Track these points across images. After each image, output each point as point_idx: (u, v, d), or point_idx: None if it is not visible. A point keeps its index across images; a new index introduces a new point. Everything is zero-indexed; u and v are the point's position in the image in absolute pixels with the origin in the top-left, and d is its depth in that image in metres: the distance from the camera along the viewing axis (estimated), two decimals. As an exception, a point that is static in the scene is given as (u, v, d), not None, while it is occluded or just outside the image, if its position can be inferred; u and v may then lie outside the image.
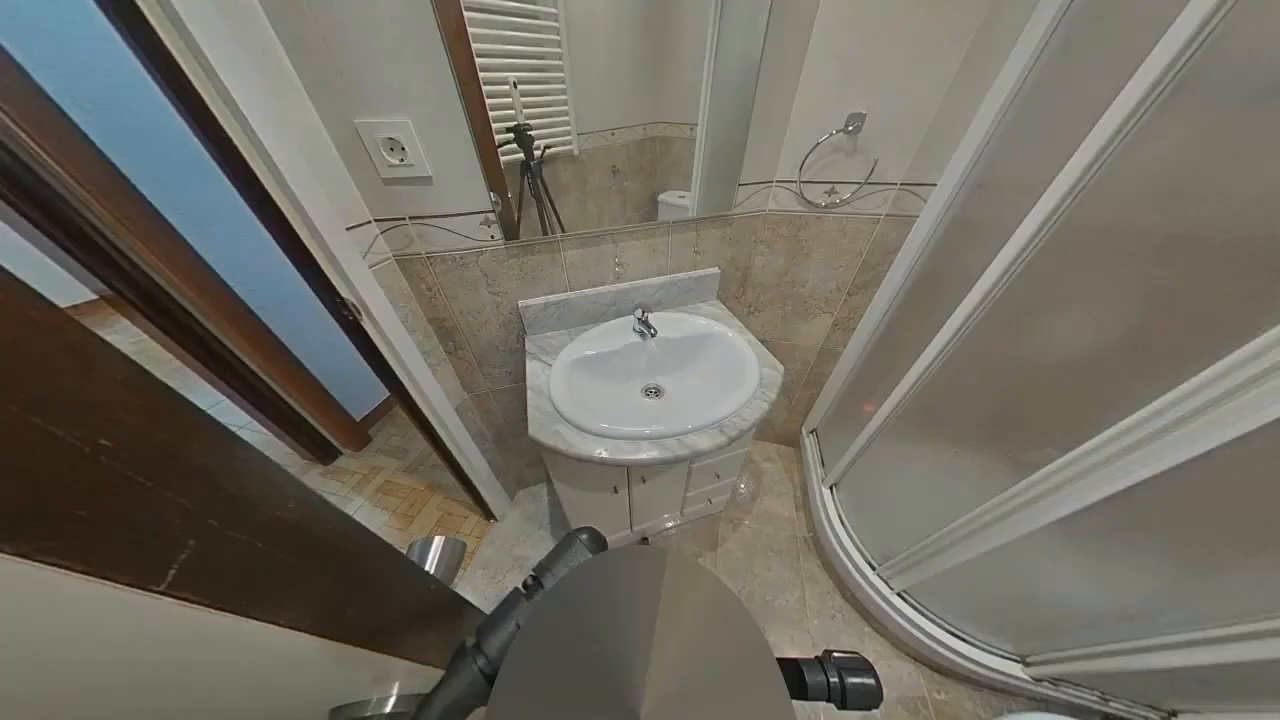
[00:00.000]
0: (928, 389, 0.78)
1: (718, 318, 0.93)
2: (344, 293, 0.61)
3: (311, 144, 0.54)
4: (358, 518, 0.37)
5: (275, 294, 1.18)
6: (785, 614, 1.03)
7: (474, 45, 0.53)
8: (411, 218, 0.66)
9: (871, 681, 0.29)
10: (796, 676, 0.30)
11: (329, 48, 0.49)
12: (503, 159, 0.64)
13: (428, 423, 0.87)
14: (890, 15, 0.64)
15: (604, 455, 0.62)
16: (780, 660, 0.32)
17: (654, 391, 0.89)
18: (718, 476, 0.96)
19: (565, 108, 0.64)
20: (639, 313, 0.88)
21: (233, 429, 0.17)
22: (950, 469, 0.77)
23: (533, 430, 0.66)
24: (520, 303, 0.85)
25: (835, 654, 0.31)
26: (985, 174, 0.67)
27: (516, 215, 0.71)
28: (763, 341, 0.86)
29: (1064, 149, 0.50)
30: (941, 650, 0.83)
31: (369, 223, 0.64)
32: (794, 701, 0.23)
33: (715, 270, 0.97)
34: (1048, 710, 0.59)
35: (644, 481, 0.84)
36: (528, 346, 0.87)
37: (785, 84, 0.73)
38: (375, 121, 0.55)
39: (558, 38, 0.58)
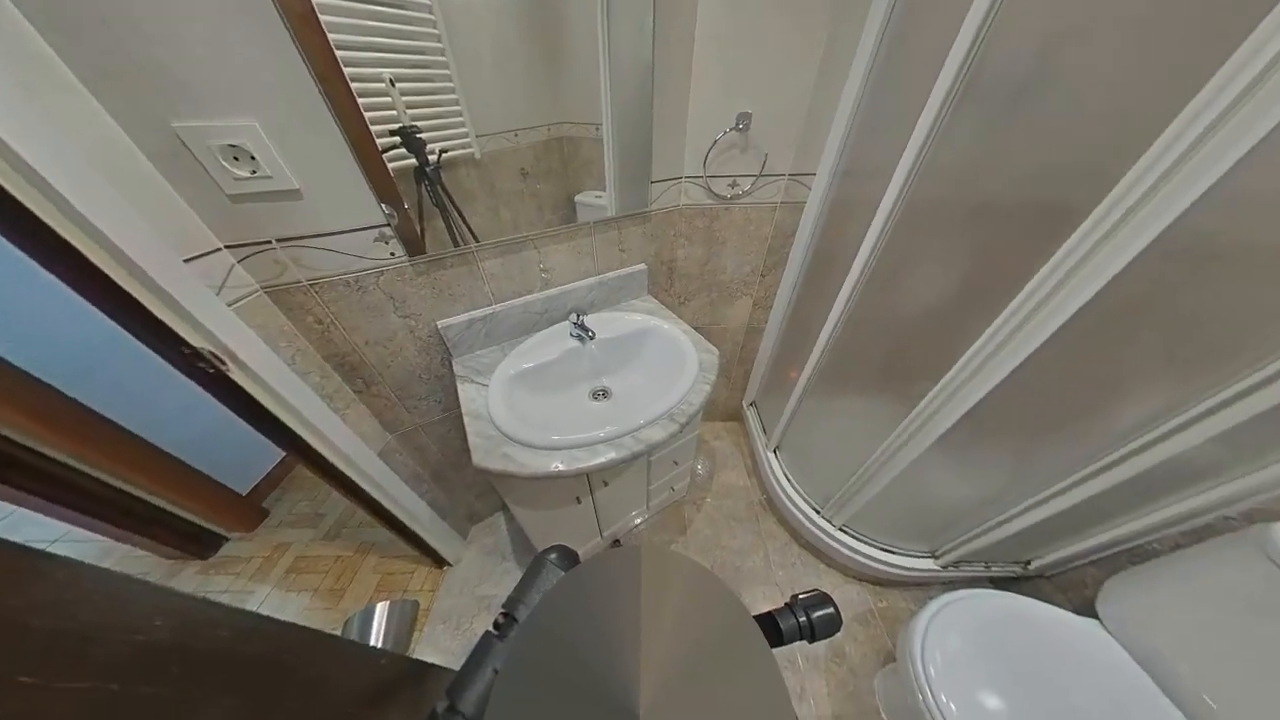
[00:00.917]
0: (835, 350, 0.90)
1: (652, 312, 0.96)
2: (195, 341, 0.49)
3: (111, 156, 0.42)
4: (265, 611, 0.30)
5: (82, 358, 0.89)
6: (754, 574, 1.12)
7: (330, 35, 0.46)
8: (280, 240, 0.55)
9: (831, 610, 0.33)
10: (772, 627, 0.32)
11: (109, 28, 0.38)
12: (392, 166, 0.57)
13: (344, 477, 0.75)
14: (758, 25, 0.71)
15: (561, 468, 0.60)
16: (757, 617, 0.34)
17: (601, 393, 0.88)
18: (675, 464, 1.00)
19: (458, 108, 0.59)
20: (574, 317, 0.86)
21: (34, 545, 0.12)
22: (863, 413, 0.91)
23: (478, 459, 0.60)
24: (439, 323, 0.77)
25: (800, 596, 0.34)
26: (850, 163, 0.79)
27: (419, 227, 0.64)
28: (696, 329, 0.91)
29: (900, 140, 0.61)
30: (879, 566, 0.98)
31: (218, 250, 0.52)
32: (775, 650, 0.25)
33: (642, 266, 0.99)
34: (953, 588, 0.74)
35: (606, 485, 0.83)
36: (456, 370, 0.80)
37: (678, 86, 0.77)
38: (205, 125, 0.45)
39: (436, 31, 0.53)
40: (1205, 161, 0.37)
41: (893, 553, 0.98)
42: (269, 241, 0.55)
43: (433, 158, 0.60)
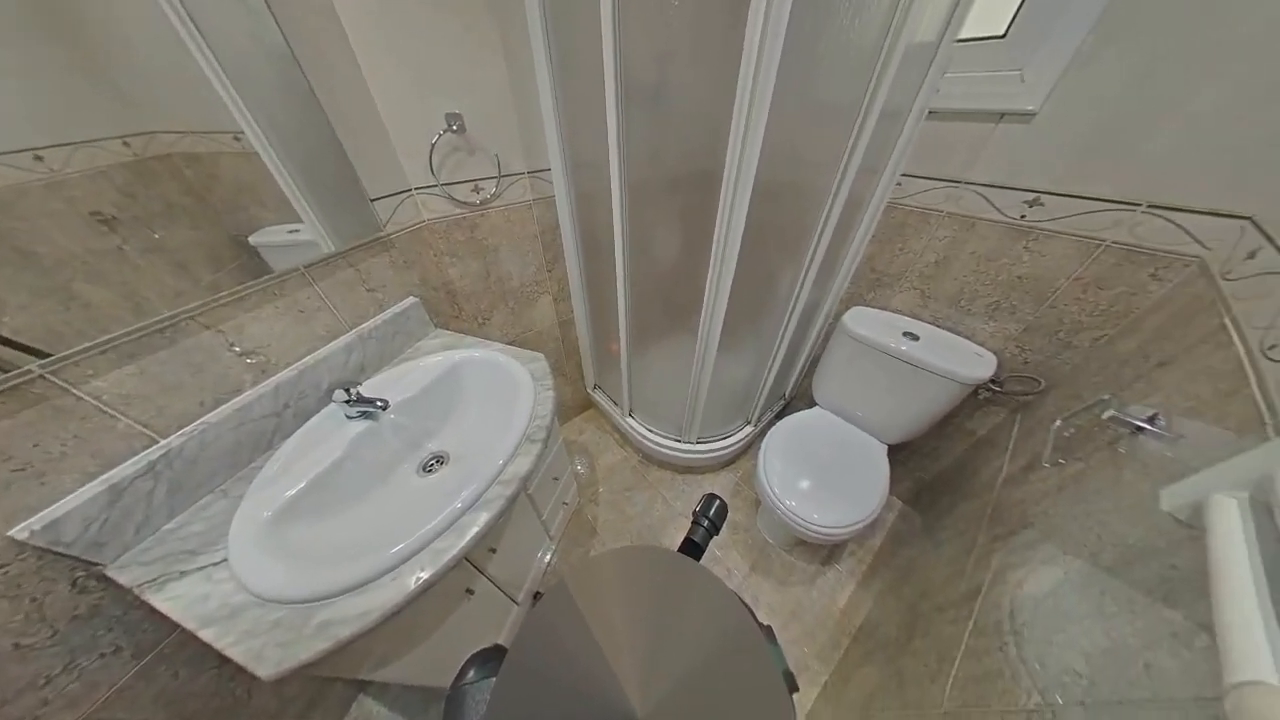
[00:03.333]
0: (633, 313, 1.06)
1: (451, 345, 0.83)
2: None
3: None
4: None
5: None
6: (664, 520, 1.26)
7: None
8: None
9: (719, 502, 0.42)
10: (693, 548, 0.38)
11: None
12: None
13: None
14: (418, 17, 0.66)
15: (424, 576, 0.46)
16: (680, 549, 0.39)
17: (435, 461, 0.72)
18: (556, 479, 0.96)
19: None
20: (341, 395, 0.64)
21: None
22: (672, 352, 1.13)
23: (268, 671, 0.39)
24: (30, 528, 0.41)
25: (696, 510, 0.42)
26: (575, 157, 0.89)
27: None
28: (510, 343, 0.85)
29: (602, 135, 0.73)
30: (728, 451, 1.30)
31: None
32: (703, 565, 0.29)
33: (412, 300, 0.82)
34: (763, 434, 1.09)
35: (494, 551, 0.71)
36: (128, 580, 0.46)
37: (349, 82, 0.63)
38: None
39: None
40: (753, 136, 0.63)
41: (730, 436, 1.32)
42: None
43: None
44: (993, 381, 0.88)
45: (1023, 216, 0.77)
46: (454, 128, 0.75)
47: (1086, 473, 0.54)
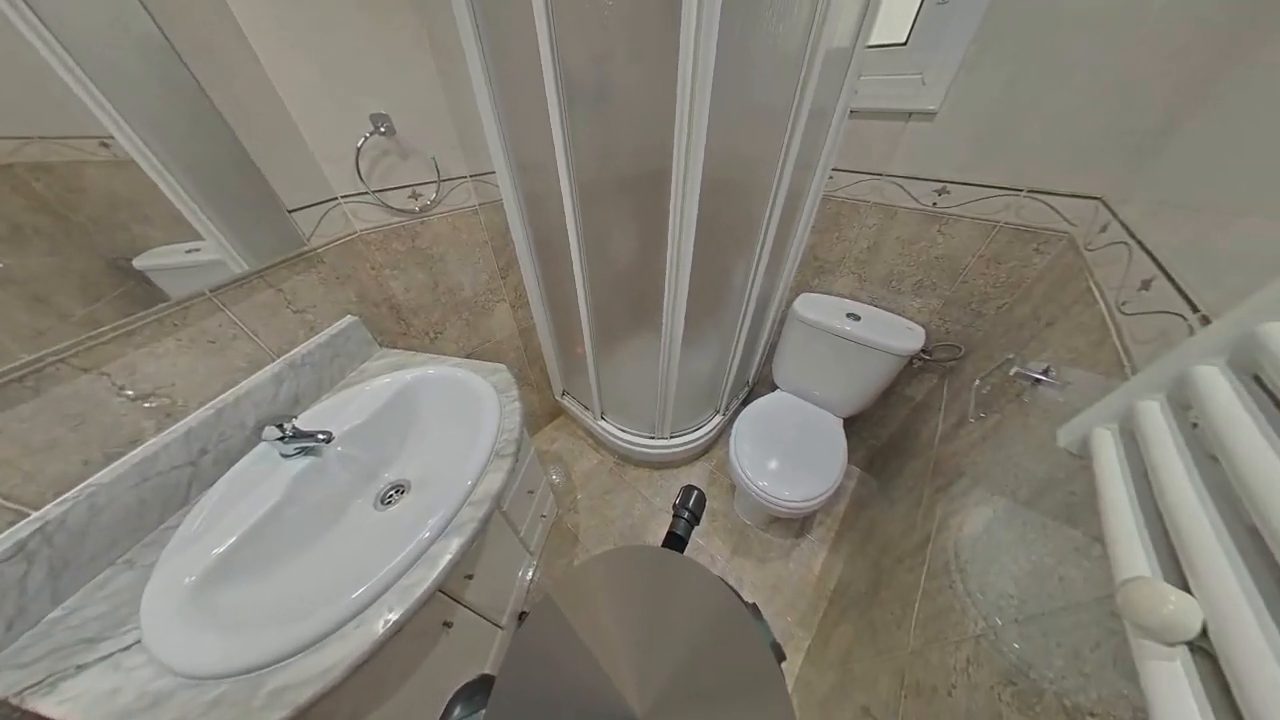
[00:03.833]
0: (595, 314, 1.05)
1: (401, 365, 0.76)
2: None
3: None
4: None
5: None
6: (646, 518, 1.27)
7: None
8: None
9: (697, 492, 0.43)
10: (676, 541, 0.39)
11: None
12: None
13: None
14: (326, 9, 0.60)
15: (392, 618, 0.43)
16: (665, 544, 0.40)
17: (395, 491, 0.66)
18: (530, 493, 0.92)
19: None
20: (273, 432, 0.57)
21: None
22: (638, 351, 1.13)
23: None
24: None
25: (676, 503, 0.42)
26: (520, 159, 0.86)
27: None
28: (468, 356, 0.81)
29: (546, 136, 0.72)
30: (702, 441, 1.34)
31: None
32: (687, 556, 0.30)
33: (351, 319, 0.75)
34: (732, 421, 1.14)
35: (470, 578, 0.67)
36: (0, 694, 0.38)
37: (249, 80, 0.56)
38: None
39: None
40: (697, 136, 0.65)
41: (701, 427, 1.36)
42: None
43: None
44: (923, 351, 0.98)
45: (934, 204, 0.88)
46: (381, 129, 0.69)
47: (1002, 422, 0.62)
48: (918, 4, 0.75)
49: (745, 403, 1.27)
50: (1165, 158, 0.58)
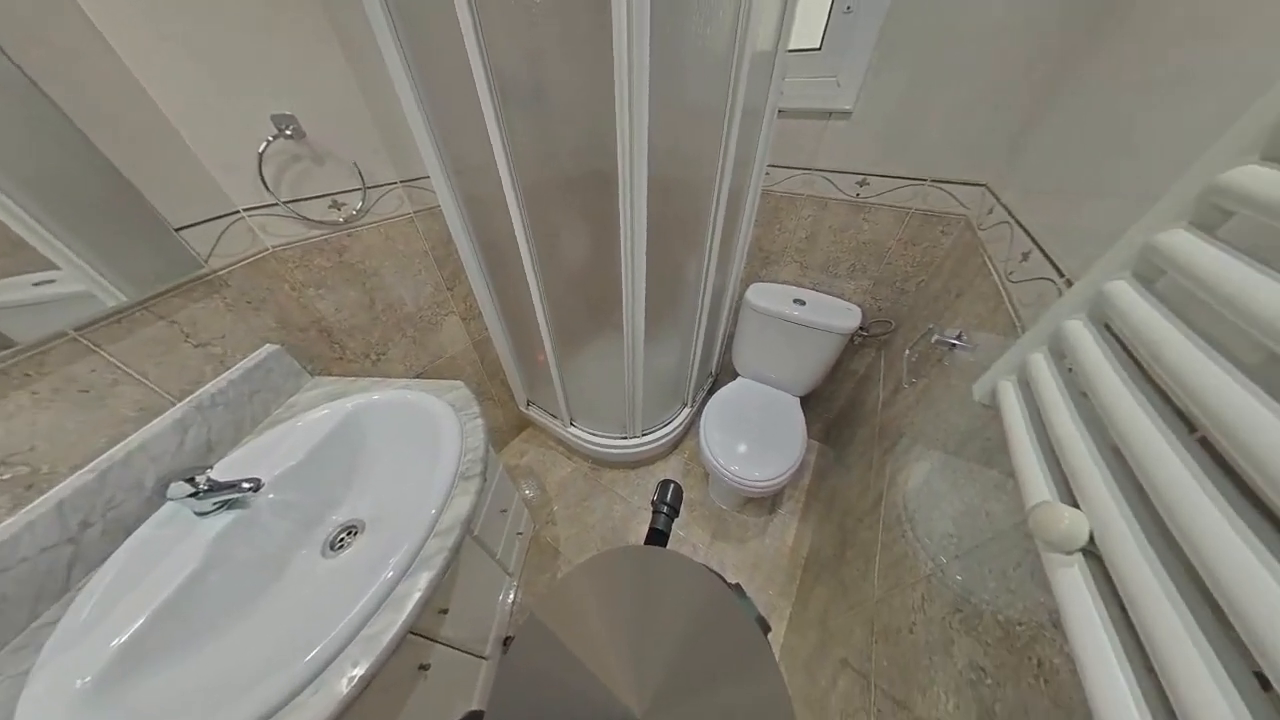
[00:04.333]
0: (553, 318, 1.02)
1: (339, 394, 0.69)
2: None
3: None
4: None
5: None
6: (626, 518, 1.27)
7: None
8: None
9: (674, 485, 0.43)
10: (658, 536, 0.39)
11: None
12: None
13: None
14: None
15: (358, 672, 0.39)
16: (648, 541, 0.40)
17: (347, 533, 0.60)
18: (504, 512, 0.88)
19: None
20: (181, 489, 0.49)
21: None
22: (602, 351, 1.13)
23: None
24: None
25: (654, 499, 0.43)
26: (456, 162, 0.81)
27: None
28: (419, 376, 0.75)
29: (483, 138, 0.68)
30: (673, 434, 1.36)
31: None
32: (669, 549, 0.30)
33: (272, 348, 0.67)
34: (699, 411, 1.17)
35: (445, 612, 0.63)
36: None
37: (104, 75, 0.47)
38: None
39: None
40: (640, 135, 0.65)
41: (671, 421, 1.39)
42: None
43: None
44: (861, 329, 1.09)
45: (857, 195, 0.97)
46: (288, 132, 0.62)
47: (930, 385, 0.71)
48: (827, 12, 0.82)
49: (711, 392, 1.32)
50: (1029, 151, 0.69)
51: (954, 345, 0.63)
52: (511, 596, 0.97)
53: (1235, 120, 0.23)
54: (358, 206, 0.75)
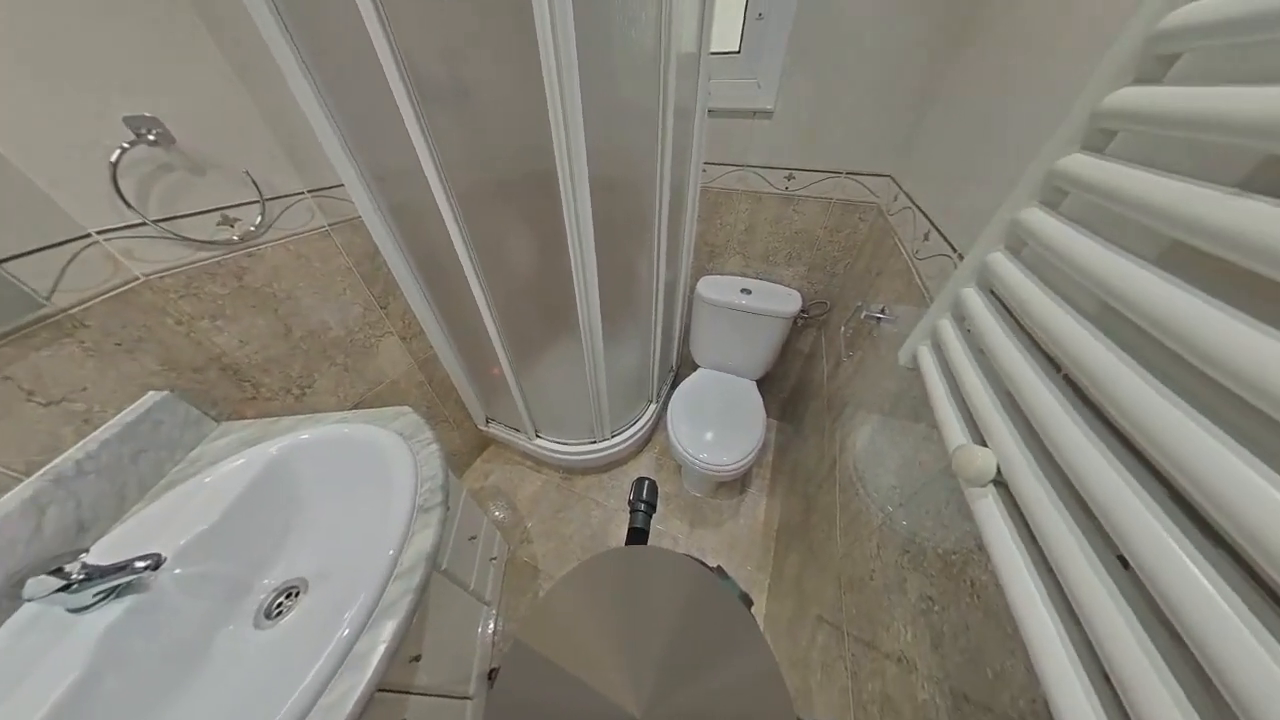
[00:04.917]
0: (506, 327, 0.98)
1: (256, 439, 0.60)
2: None
3: None
4: None
5: None
6: (604, 522, 1.25)
7: None
8: None
9: (648, 481, 0.44)
10: (639, 535, 0.39)
11: None
12: None
13: None
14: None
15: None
16: (629, 540, 0.40)
17: (286, 596, 0.53)
18: (473, 539, 0.83)
19: None
20: (44, 584, 0.39)
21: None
22: (560, 357, 1.10)
23: None
24: None
25: (630, 499, 0.43)
26: (375, 168, 0.74)
27: None
28: (356, 407, 0.68)
29: (405, 140, 0.63)
30: (643, 432, 1.37)
31: None
32: (649, 546, 0.31)
33: (158, 396, 0.56)
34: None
35: (418, 659, 0.58)
36: None
37: None
38: None
39: None
40: (575, 134, 0.64)
41: (639, 419, 1.40)
42: None
43: None
44: (802, 311, 1.18)
45: (786, 188, 1.04)
46: (149, 137, 0.52)
47: (864, 356, 0.79)
48: (742, 18, 0.87)
49: (674, 386, 1.35)
50: (919, 145, 0.80)
51: (879, 319, 0.71)
52: (491, 626, 0.91)
53: (1065, 117, 0.29)
54: (256, 221, 0.65)
